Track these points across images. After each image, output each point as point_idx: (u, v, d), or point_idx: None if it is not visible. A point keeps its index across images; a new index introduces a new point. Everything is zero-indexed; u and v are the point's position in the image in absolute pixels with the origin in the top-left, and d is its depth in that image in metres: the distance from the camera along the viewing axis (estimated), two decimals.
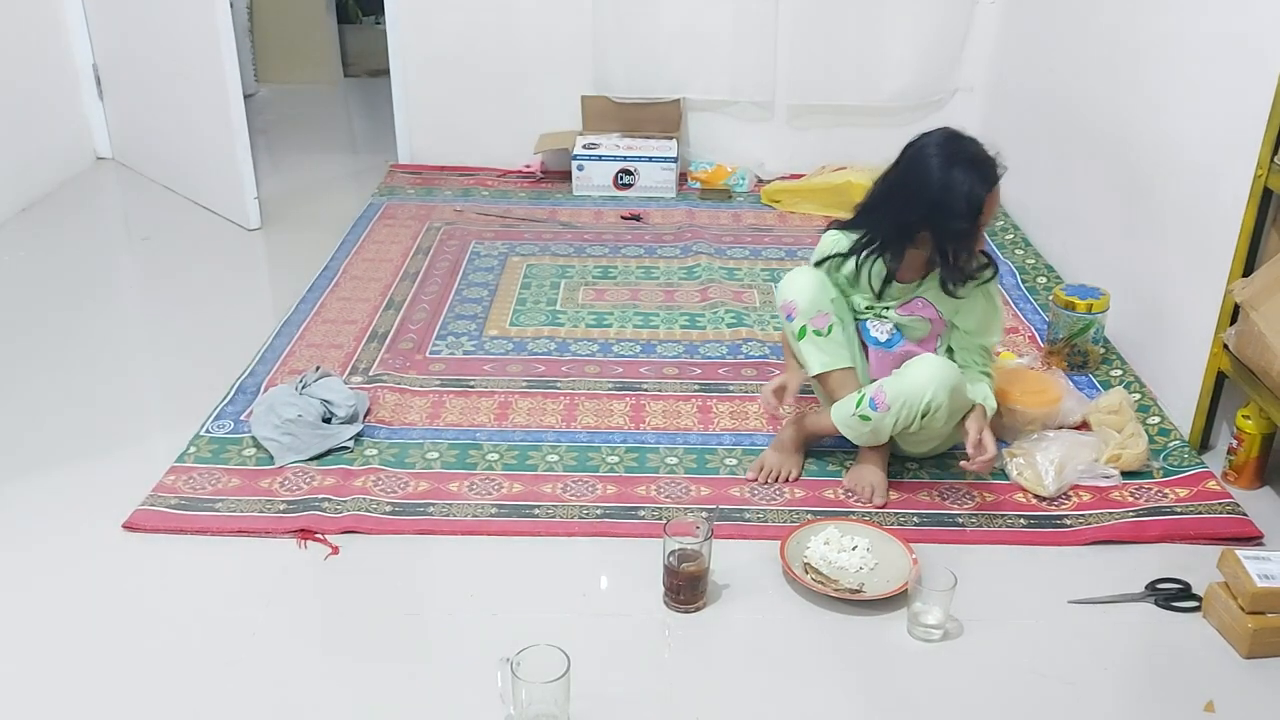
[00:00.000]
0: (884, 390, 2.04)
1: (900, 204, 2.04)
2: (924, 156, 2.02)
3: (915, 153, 2.04)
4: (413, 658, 1.74)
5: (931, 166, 2.00)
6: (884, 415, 2.04)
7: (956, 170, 1.98)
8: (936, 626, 1.76)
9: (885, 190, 2.09)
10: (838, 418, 2.11)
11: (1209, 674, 1.71)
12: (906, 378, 2.03)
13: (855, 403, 2.08)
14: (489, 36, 3.83)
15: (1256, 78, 2.08)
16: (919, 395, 2.00)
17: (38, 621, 1.79)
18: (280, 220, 3.50)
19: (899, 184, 2.06)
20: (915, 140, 2.07)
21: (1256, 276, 2.09)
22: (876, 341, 2.18)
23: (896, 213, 2.05)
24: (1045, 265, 3.16)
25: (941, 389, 2.00)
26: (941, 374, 2.02)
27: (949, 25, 3.74)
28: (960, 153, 2.01)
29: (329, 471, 2.16)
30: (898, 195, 2.05)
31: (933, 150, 2.01)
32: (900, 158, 2.08)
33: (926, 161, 2.01)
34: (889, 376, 2.07)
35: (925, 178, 2.00)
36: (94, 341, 2.71)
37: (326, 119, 4.89)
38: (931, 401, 2.00)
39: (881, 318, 2.17)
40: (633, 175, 3.76)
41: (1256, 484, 2.16)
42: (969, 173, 1.98)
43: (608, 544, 1.99)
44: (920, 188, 2.00)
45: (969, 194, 1.97)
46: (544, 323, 2.84)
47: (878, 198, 2.11)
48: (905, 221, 2.04)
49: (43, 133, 3.71)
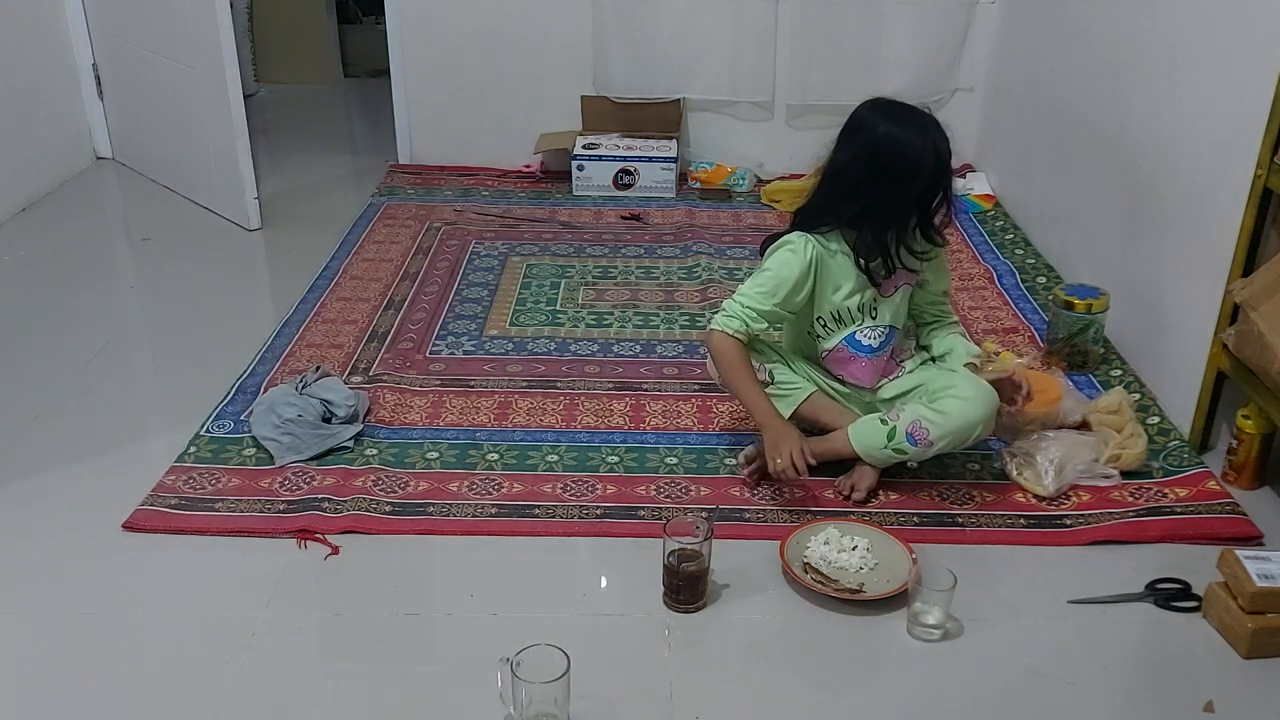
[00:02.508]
0: (924, 427, 2.00)
1: (890, 187, 1.97)
2: (892, 136, 1.96)
3: (878, 136, 1.97)
4: (413, 658, 1.74)
5: (908, 141, 1.95)
6: (925, 450, 2.02)
7: (931, 131, 1.96)
8: (936, 626, 1.76)
9: (857, 183, 2.00)
10: (864, 449, 2.07)
11: (1209, 674, 1.71)
12: (952, 415, 1.99)
13: (886, 435, 2.04)
14: (489, 36, 3.83)
15: (1256, 78, 2.08)
16: (969, 430, 2.01)
17: (38, 621, 1.79)
18: (280, 220, 3.50)
19: (876, 170, 1.97)
20: (861, 126, 2.00)
21: (1256, 276, 2.09)
22: (871, 349, 2.14)
23: (888, 198, 1.98)
24: (1045, 265, 3.16)
25: (987, 416, 2.01)
26: (985, 402, 2.01)
27: (949, 25, 3.75)
28: (913, 116, 1.99)
29: (329, 471, 2.16)
30: (881, 181, 1.97)
31: (894, 126, 1.97)
32: (855, 145, 2.00)
33: (898, 139, 1.96)
34: (925, 409, 2.02)
35: (908, 153, 1.95)
36: (94, 341, 2.71)
37: (326, 119, 4.90)
38: (981, 433, 2.03)
39: (872, 318, 2.11)
40: (633, 175, 3.76)
41: (1256, 484, 2.16)
42: (933, 128, 1.98)
43: (608, 544, 1.99)
44: (909, 164, 1.95)
45: (946, 147, 1.98)
46: (544, 323, 2.84)
47: (852, 193, 2.01)
48: (900, 201, 1.99)
49: (43, 132, 3.71)
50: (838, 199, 2.04)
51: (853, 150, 2.02)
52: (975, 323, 2.84)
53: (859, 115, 2.03)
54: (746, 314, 2.04)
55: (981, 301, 2.97)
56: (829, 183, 2.06)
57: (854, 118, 2.03)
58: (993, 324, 2.83)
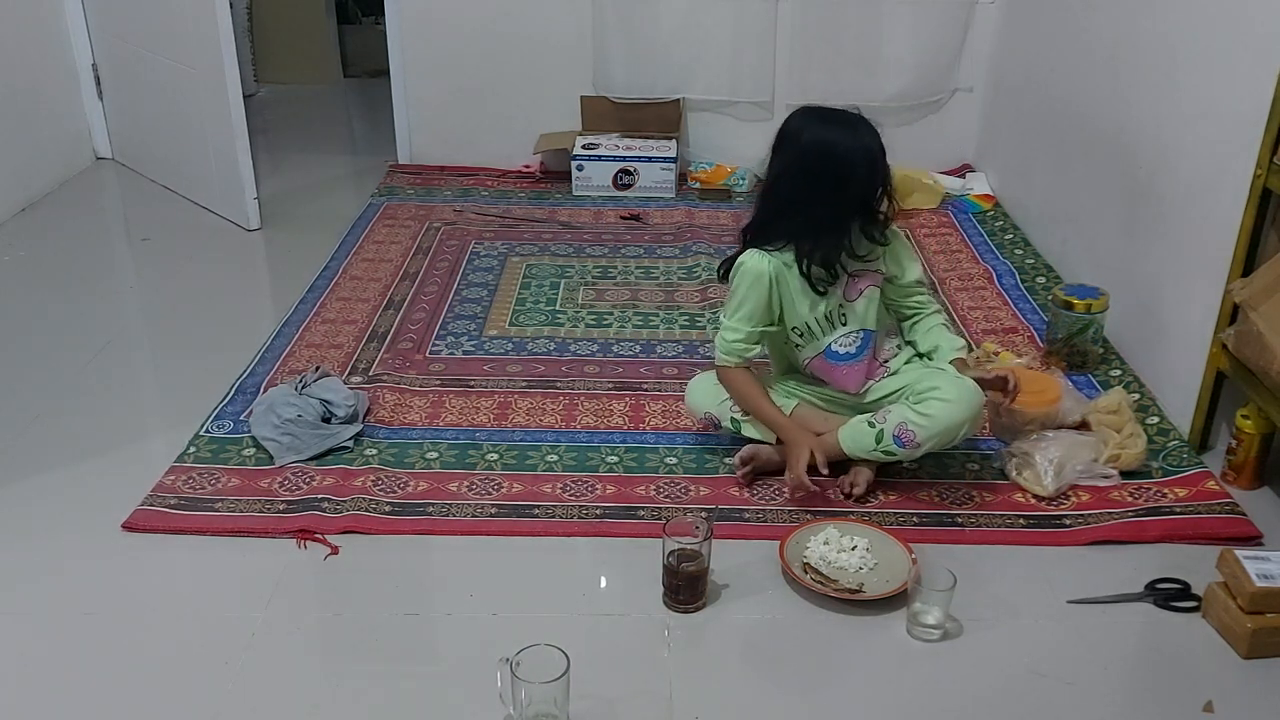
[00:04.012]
0: (910, 429, 2.00)
1: (825, 193, 1.98)
2: (820, 140, 1.97)
3: (806, 143, 1.98)
4: (413, 658, 1.74)
5: (837, 143, 1.96)
6: (914, 451, 2.03)
7: (859, 130, 1.97)
8: (936, 626, 1.76)
9: (793, 194, 2.02)
10: (855, 451, 2.08)
11: (1208, 674, 1.71)
12: (938, 417, 1.99)
13: (874, 438, 2.04)
14: (489, 36, 3.83)
15: (1256, 78, 2.08)
16: (955, 429, 2.02)
17: (38, 621, 1.79)
18: (280, 220, 3.50)
19: (810, 178, 1.99)
20: (789, 135, 2.01)
21: (1256, 276, 2.09)
22: (850, 356, 2.12)
23: (826, 204, 1.99)
24: (1044, 265, 3.16)
25: (972, 415, 2.02)
26: (969, 402, 2.01)
27: (949, 25, 3.75)
28: (840, 118, 1.99)
29: (329, 471, 2.16)
30: (816, 188, 1.98)
31: (822, 130, 1.98)
32: (786, 156, 2.02)
33: (826, 142, 1.97)
34: (910, 411, 2.01)
35: (838, 154, 1.96)
36: (94, 341, 2.71)
37: (326, 119, 4.90)
38: (967, 431, 2.04)
39: (842, 325, 2.10)
40: (632, 175, 3.76)
41: (1255, 484, 2.16)
42: (861, 126, 1.98)
43: (607, 544, 2.00)
44: (841, 166, 1.96)
45: (878, 146, 1.98)
46: (544, 323, 2.84)
47: (790, 205, 2.03)
48: (839, 205, 1.99)
49: (43, 133, 3.71)
50: (777, 213, 2.06)
51: (784, 161, 2.03)
52: (975, 323, 2.84)
53: (786, 125, 2.03)
54: (737, 348, 2.10)
55: (981, 301, 2.97)
56: (766, 198, 2.08)
57: (782, 128, 2.04)
58: (992, 324, 2.83)
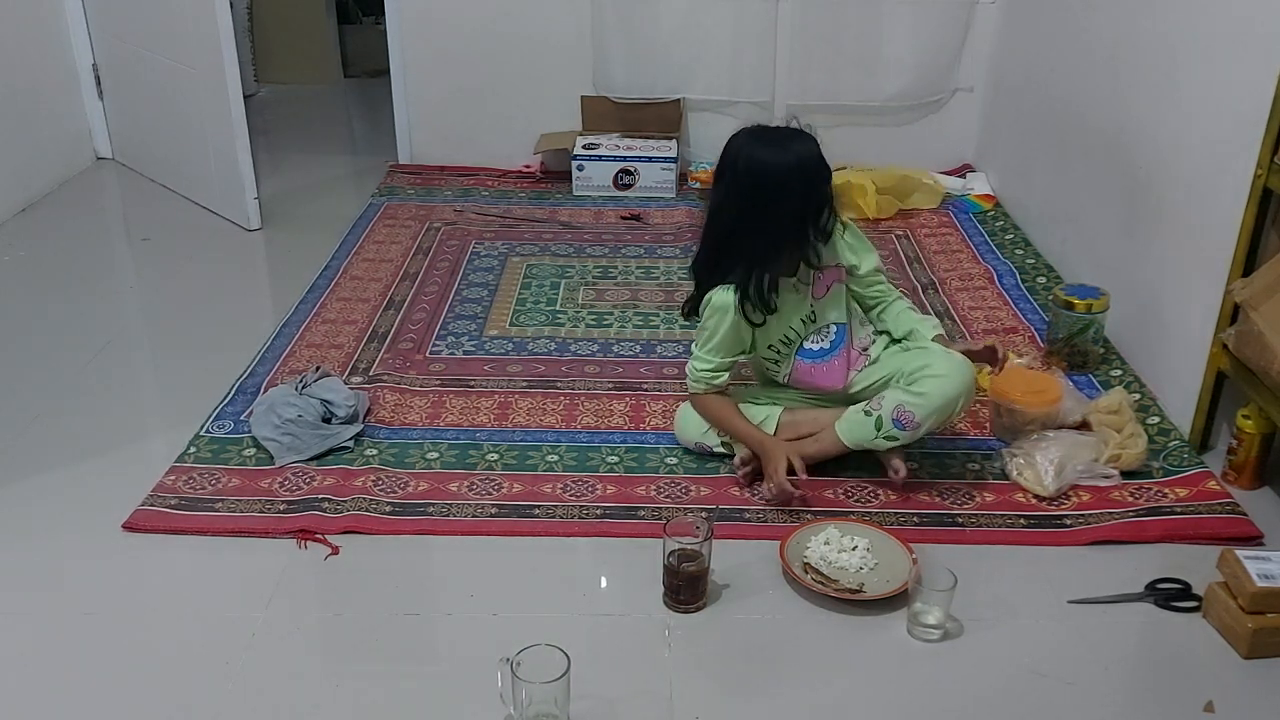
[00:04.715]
0: (909, 410, 2.02)
1: (765, 213, 1.99)
2: (757, 163, 1.97)
3: (740, 167, 1.99)
4: (413, 658, 1.74)
5: (773, 164, 1.96)
6: (914, 432, 2.04)
7: (792, 145, 1.97)
8: (936, 626, 1.76)
9: (734, 222, 2.02)
10: (856, 443, 2.09)
11: (1209, 674, 1.71)
12: (932, 394, 2.01)
13: (874, 425, 2.05)
14: (489, 36, 3.83)
15: (1256, 78, 2.08)
16: (952, 403, 2.03)
17: (38, 621, 1.79)
18: (280, 220, 3.50)
19: (747, 202, 1.99)
20: (730, 161, 2.01)
21: (1256, 276, 2.09)
22: (824, 352, 2.14)
23: (767, 230, 2.00)
24: (1045, 265, 3.16)
25: (966, 388, 2.04)
26: (961, 375, 2.03)
27: (949, 25, 3.74)
28: (774, 135, 2.00)
29: (329, 471, 2.16)
30: (756, 210, 1.99)
31: (757, 152, 1.98)
32: (725, 182, 2.02)
33: (765, 165, 1.97)
34: (905, 393, 2.03)
35: (774, 177, 1.96)
36: (94, 341, 2.71)
37: (326, 119, 4.90)
38: (964, 404, 2.05)
39: (814, 322, 2.13)
40: (633, 175, 3.76)
41: (1256, 484, 2.16)
42: (796, 141, 1.98)
43: (608, 544, 1.99)
44: (778, 190, 1.96)
45: (813, 156, 1.98)
46: (544, 323, 2.84)
47: (731, 234, 2.03)
48: (782, 225, 2.00)
49: (43, 133, 3.71)
50: (721, 246, 2.06)
51: (722, 190, 2.04)
52: (975, 322, 2.84)
53: (724, 150, 2.03)
54: (705, 376, 2.13)
55: (982, 301, 2.97)
56: (709, 230, 2.09)
57: (721, 155, 2.04)
58: (993, 324, 2.83)
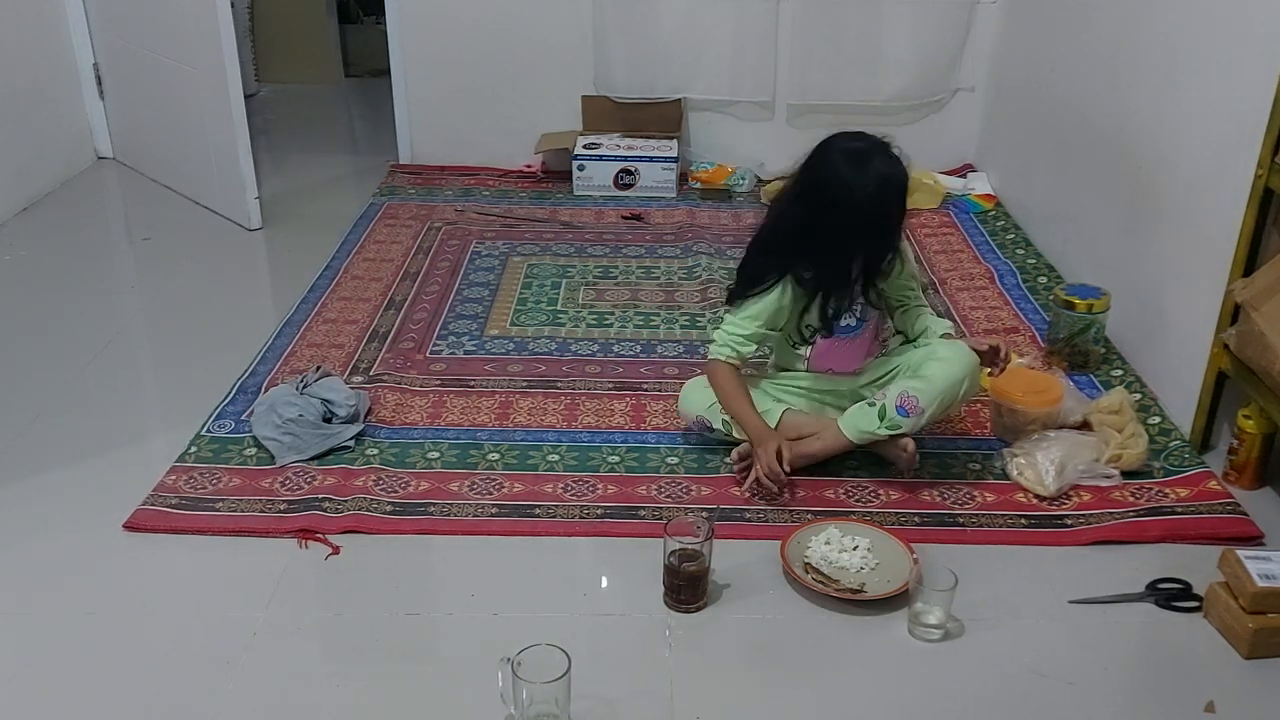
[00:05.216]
0: (913, 395, 2.03)
1: (832, 230, 2.02)
2: (831, 170, 2.00)
3: (817, 175, 2.02)
4: (413, 658, 1.74)
5: (846, 176, 1.98)
6: (918, 418, 2.05)
7: (873, 162, 1.98)
8: (937, 626, 1.76)
9: (803, 222, 2.05)
10: (859, 435, 2.09)
11: (1209, 674, 1.71)
12: (936, 377, 2.04)
13: (877, 414, 2.06)
14: (489, 36, 3.83)
15: (1256, 78, 2.08)
16: (955, 387, 2.05)
17: (38, 621, 1.79)
18: (281, 220, 3.50)
19: (818, 209, 2.02)
20: (810, 161, 2.04)
21: (1257, 276, 2.09)
22: (851, 329, 2.17)
23: (830, 242, 2.04)
24: (1046, 265, 3.16)
25: (969, 372, 2.06)
26: (964, 359, 2.06)
27: (949, 25, 3.74)
28: (858, 150, 2.00)
29: (329, 471, 2.16)
30: (825, 228, 2.02)
31: (839, 161, 2.00)
32: (801, 182, 2.06)
33: (836, 175, 1.99)
34: (909, 380, 2.06)
35: (848, 197, 1.98)
36: (94, 341, 2.71)
37: (327, 119, 4.90)
38: (967, 389, 2.07)
39: (849, 308, 2.16)
40: (633, 175, 3.76)
41: (1257, 484, 2.15)
42: (877, 157, 1.99)
43: (608, 544, 1.99)
44: (844, 198, 1.98)
45: (893, 175, 2.00)
46: (545, 322, 2.84)
47: (800, 234, 2.06)
48: (841, 247, 2.04)
49: (43, 132, 3.71)
50: (785, 243, 2.09)
51: (798, 188, 2.06)
52: (976, 322, 2.84)
53: (814, 151, 2.05)
54: (733, 339, 2.13)
55: (982, 301, 2.97)
56: (777, 223, 2.12)
57: (811, 152, 2.06)
58: (994, 324, 2.83)
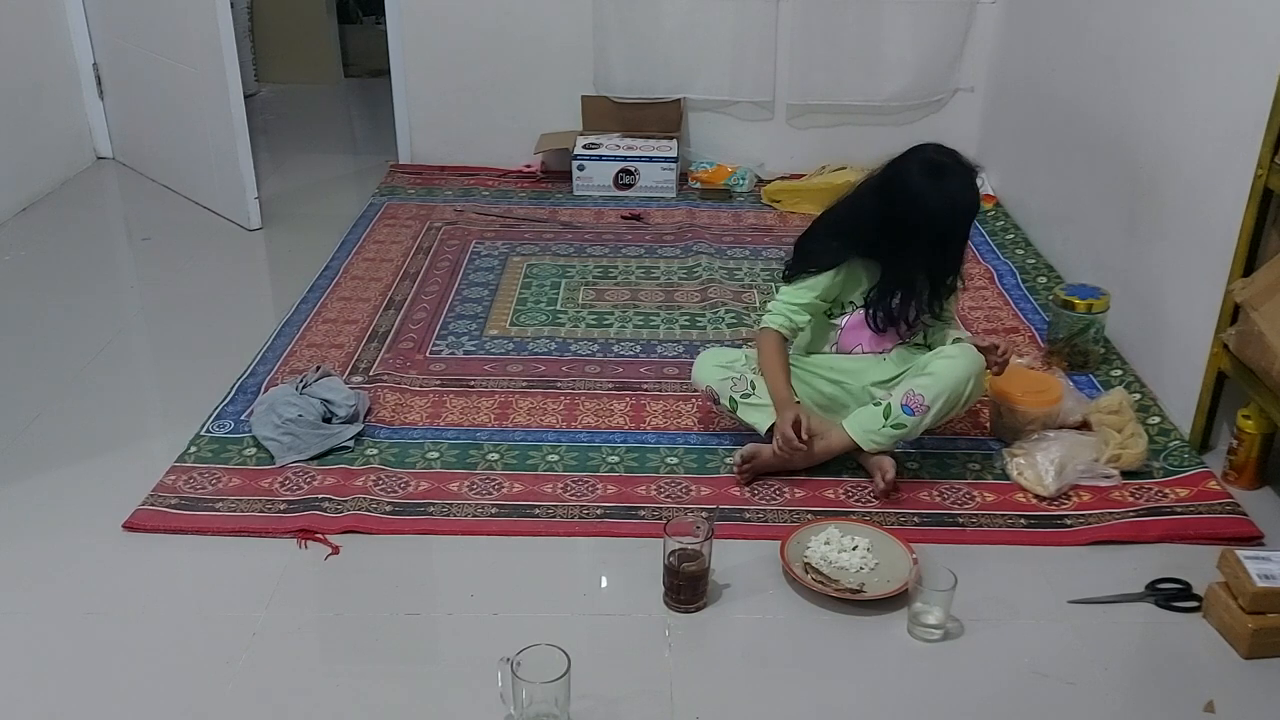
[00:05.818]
0: (918, 393, 2.05)
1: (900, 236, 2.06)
2: (914, 190, 2.03)
3: (896, 184, 2.06)
4: (413, 658, 1.75)
5: (923, 192, 2.02)
6: (923, 416, 2.06)
7: (948, 181, 2.02)
8: (937, 626, 1.76)
9: (870, 222, 2.09)
10: (863, 434, 2.10)
11: (1209, 674, 1.71)
12: (941, 374, 2.05)
13: (882, 414, 2.07)
14: (489, 37, 3.83)
15: (1256, 78, 2.08)
16: (961, 384, 2.05)
17: (38, 621, 1.79)
18: (281, 220, 3.50)
19: (891, 216, 2.06)
20: (894, 165, 2.08)
21: (1257, 276, 2.09)
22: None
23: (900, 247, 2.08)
24: (1045, 265, 3.16)
25: (975, 370, 2.07)
26: (969, 357, 2.08)
27: (949, 25, 3.74)
28: (941, 168, 2.03)
29: (329, 471, 2.16)
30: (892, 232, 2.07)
31: (918, 174, 2.03)
32: (879, 181, 2.09)
33: (914, 188, 2.02)
34: (914, 379, 2.08)
35: (921, 210, 2.02)
36: (94, 341, 2.71)
37: (327, 119, 4.90)
38: (972, 388, 2.08)
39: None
40: (633, 175, 3.76)
41: (1257, 484, 2.15)
42: (954, 177, 2.03)
43: (608, 544, 2.00)
44: (929, 220, 2.03)
45: (966, 199, 2.05)
46: (544, 322, 2.84)
47: (863, 232, 2.11)
48: (908, 254, 2.08)
49: (43, 132, 3.71)
50: (855, 228, 2.12)
51: (880, 180, 2.10)
52: (976, 323, 2.84)
53: (905, 152, 2.08)
54: (789, 308, 2.17)
55: (982, 301, 2.97)
56: (848, 213, 2.16)
57: (899, 157, 2.09)
58: (994, 324, 2.83)
